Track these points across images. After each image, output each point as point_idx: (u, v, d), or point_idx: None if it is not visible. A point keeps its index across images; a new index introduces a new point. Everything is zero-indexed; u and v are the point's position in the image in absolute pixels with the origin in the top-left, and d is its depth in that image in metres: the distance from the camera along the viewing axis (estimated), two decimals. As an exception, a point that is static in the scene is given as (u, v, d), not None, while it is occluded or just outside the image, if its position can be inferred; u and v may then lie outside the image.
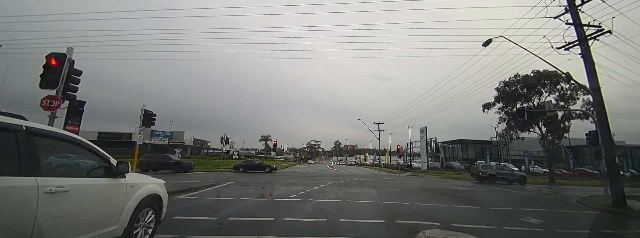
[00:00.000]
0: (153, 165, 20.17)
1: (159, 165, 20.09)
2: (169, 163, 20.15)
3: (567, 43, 10.70)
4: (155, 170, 19.95)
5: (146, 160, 20.75)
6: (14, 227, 2.01)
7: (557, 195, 14.56)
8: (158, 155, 24.05)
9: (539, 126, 24.36)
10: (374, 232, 5.15)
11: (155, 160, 20.77)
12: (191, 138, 53.43)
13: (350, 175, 24.36)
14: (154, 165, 20.14)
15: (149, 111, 12.12)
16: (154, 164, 20.21)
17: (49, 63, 6.92)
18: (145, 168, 19.93)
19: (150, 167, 20.10)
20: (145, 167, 19.98)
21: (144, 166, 20.09)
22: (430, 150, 42.45)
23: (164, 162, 20.22)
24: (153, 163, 20.31)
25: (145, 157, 22.33)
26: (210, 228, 4.87)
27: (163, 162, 20.30)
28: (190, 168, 21.08)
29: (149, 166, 20.07)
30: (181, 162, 20.79)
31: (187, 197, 8.59)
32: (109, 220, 2.98)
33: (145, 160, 20.97)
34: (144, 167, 19.99)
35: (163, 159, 20.79)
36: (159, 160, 20.84)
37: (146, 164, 20.08)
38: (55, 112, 7.08)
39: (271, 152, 71.92)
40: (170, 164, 20.10)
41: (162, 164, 20.05)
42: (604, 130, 10.20)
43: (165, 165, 20.03)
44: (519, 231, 5.70)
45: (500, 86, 25.41)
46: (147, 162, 20.46)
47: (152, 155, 26.94)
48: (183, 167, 20.19)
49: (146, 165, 20.06)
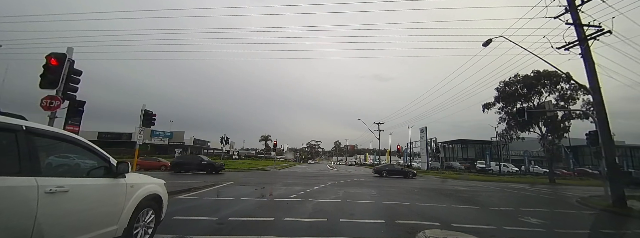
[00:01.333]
0: (185, 166, 20.03)
1: (191, 166, 19.93)
2: (201, 164, 20.05)
3: (567, 43, 10.70)
4: (187, 171, 19.77)
5: (178, 162, 20.71)
6: (14, 227, 2.01)
7: (557, 195, 14.56)
8: (190, 157, 24.27)
9: (539, 126, 24.34)
10: (374, 232, 5.15)
11: (188, 162, 20.72)
12: (191, 138, 53.44)
13: (350, 175, 24.35)
14: (186, 166, 20.01)
15: (149, 111, 12.11)
16: (185, 165, 20.13)
17: (49, 63, 6.92)
18: (178, 169, 19.85)
19: (182, 168, 19.92)
20: (178, 169, 19.92)
21: (177, 168, 20.00)
22: (430, 150, 42.43)
23: (196, 163, 20.08)
24: (185, 164, 20.23)
25: (178, 159, 22.41)
26: (210, 228, 4.87)
27: (195, 162, 20.17)
28: (222, 168, 21.26)
29: (181, 168, 19.96)
30: (213, 162, 20.64)
31: (187, 197, 8.59)
32: (109, 220, 2.98)
33: (178, 161, 20.96)
34: (177, 169, 19.93)
35: (195, 160, 20.71)
36: (191, 161, 20.79)
37: (178, 166, 20.04)
38: (55, 112, 7.07)
39: (271, 152, 71.89)
40: (203, 165, 20.00)
41: (194, 165, 19.95)
42: (604, 130, 10.20)
43: (198, 166, 19.92)
44: (519, 231, 5.70)
45: (500, 86, 25.40)
46: (180, 163, 20.42)
47: (184, 156, 27.47)
48: (215, 167, 20.14)
49: (179, 167, 20.00)
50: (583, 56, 10.35)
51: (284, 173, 25.37)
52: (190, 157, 23.39)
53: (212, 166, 20.12)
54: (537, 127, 24.36)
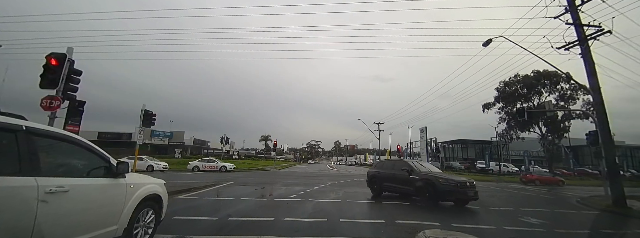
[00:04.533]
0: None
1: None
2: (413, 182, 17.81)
3: (567, 43, 10.70)
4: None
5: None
6: (14, 227, 2.00)
7: (557, 195, 14.56)
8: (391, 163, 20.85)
9: (539, 126, 24.40)
10: (374, 232, 5.15)
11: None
12: (191, 138, 53.49)
13: (350, 175, 24.35)
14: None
15: (149, 111, 12.09)
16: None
17: (49, 63, 6.91)
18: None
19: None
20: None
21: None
22: (430, 150, 42.43)
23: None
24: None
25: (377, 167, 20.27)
26: (210, 228, 4.87)
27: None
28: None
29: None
30: (436, 181, 19.15)
31: (187, 197, 8.59)
32: (109, 220, 2.98)
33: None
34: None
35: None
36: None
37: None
38: (55, 112, 7.06)
39: (271, 152, 71.91)
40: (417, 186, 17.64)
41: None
42: (604, 130, 10.20)
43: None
44: (519, 231, 5.70)
45: (500, 86, 25.47)
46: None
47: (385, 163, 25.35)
48: (439, 194, 18.49)
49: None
50: (583, 56, 10.35)
51: (284, 173, 25.36)
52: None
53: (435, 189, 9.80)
54: (537, 127, 24.41)
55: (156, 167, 21.68)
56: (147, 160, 22.33)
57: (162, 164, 22.52)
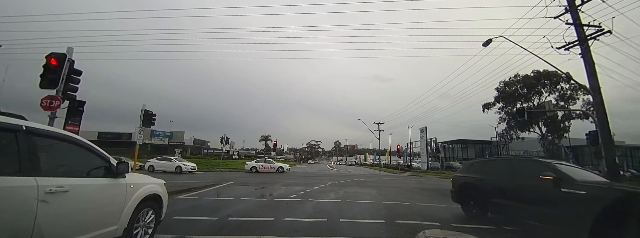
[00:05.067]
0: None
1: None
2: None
3: (567, 43, 10.71)
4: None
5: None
6: (14, 227, 2.01)
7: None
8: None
9: (539, 126, 24.43)
10: (374, 232, 5.14)
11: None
12: (191, 138, 53.50)
13: (350, 175, 24.35)
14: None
15: (149, 111, 12.09)
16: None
17: (49, 63, 6.91)
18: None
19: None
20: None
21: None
22: (430, 150, 42.40)
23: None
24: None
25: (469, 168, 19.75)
26: (210, 228, 4.87)
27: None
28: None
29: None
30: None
31: (187, 197, 8.59)
32: (109, 220, 2.98)
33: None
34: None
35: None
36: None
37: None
38: (55, 112, 7.06)
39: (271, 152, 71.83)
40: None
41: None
42: (604, 130, 10.20)
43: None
44: (519, 231, 5.70)
45: (500, 86, 25.51)
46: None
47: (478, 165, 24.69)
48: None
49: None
50: (583, 56, 10.35)
51: (284, 173, 25.35)
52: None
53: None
54: (537, 127, 24.43)
55: (184, 168, 20.79)
56: (175, 161, 21.58)
57: (190, 165, 21.67)
